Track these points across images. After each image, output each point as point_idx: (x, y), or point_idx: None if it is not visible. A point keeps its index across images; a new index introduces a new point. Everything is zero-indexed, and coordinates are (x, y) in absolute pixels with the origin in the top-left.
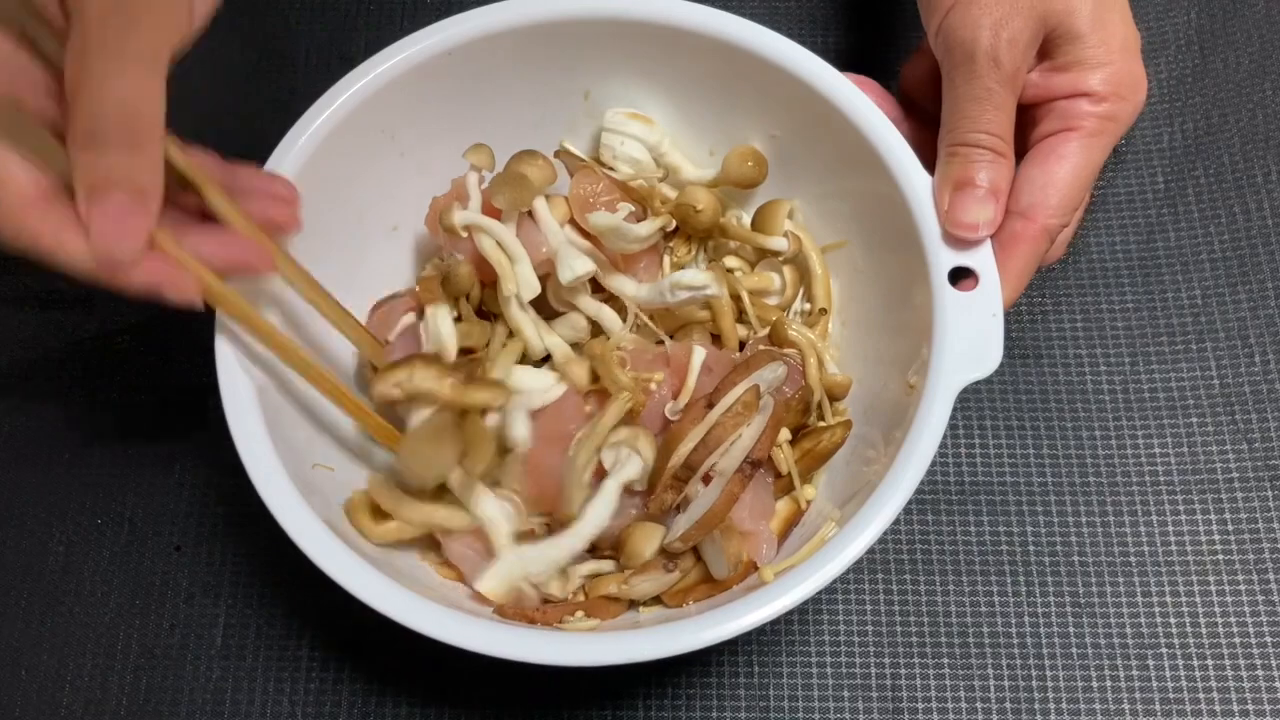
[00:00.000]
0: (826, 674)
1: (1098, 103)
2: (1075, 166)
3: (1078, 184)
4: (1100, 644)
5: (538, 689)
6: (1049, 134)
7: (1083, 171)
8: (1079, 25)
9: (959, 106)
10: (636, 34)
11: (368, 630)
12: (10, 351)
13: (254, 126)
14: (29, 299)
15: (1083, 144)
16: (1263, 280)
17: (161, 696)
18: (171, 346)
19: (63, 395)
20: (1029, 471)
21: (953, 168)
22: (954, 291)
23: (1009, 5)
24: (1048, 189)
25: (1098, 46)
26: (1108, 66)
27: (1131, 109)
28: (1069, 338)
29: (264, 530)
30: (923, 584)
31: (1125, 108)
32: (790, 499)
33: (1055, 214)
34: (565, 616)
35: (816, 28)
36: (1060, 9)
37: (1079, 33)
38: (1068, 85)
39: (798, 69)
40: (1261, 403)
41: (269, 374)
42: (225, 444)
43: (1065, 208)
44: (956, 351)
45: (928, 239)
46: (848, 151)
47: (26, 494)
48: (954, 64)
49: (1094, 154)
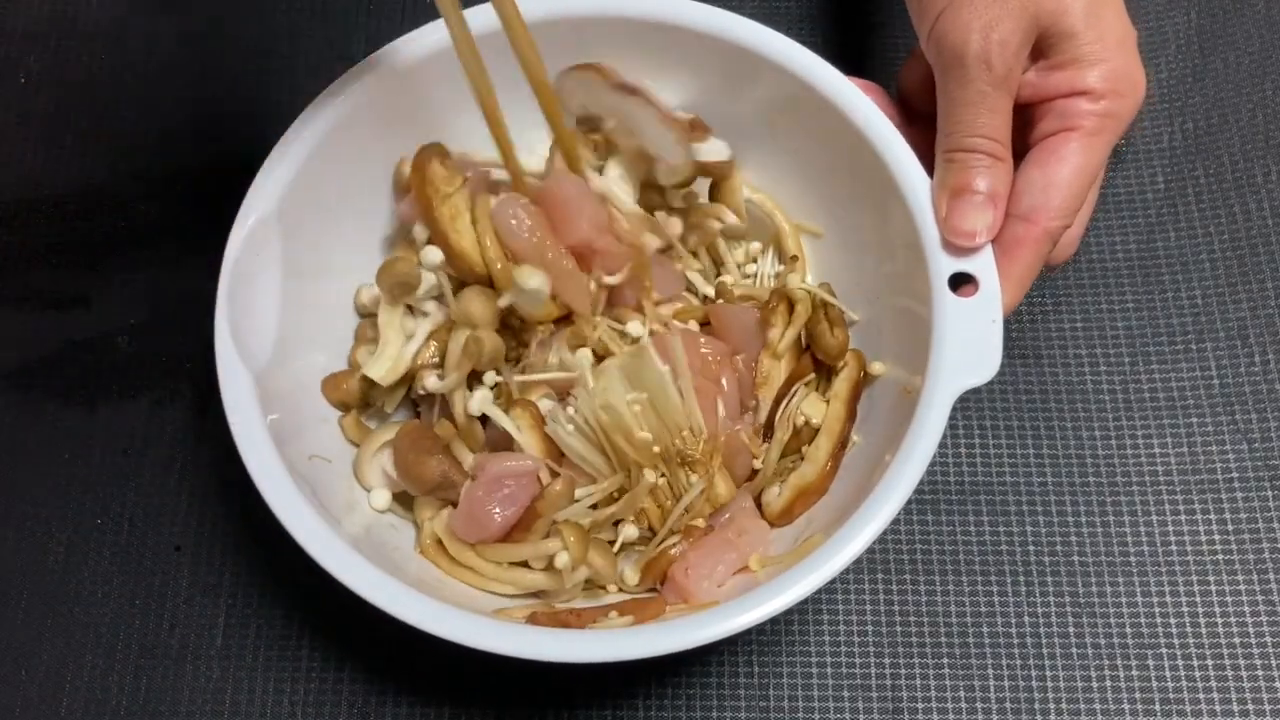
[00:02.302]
0: (826, 674)
1: (1096, 100)
2: (1076, 167)
3: (1079, 184)
4: (1100, 644)
5: (537, 689)
6: (1048, 134)
7: (1084, 171)
8: (1072, 23)
9: (953, 112)
10: (640, 31)
11: (368, 630)
12: (10, 351)
13: (254, 127)
14: (29, 299)
15: (1083, 143)
16: (1263, 280)
17: (161, 696)
18: (171, 346)
19: (63, 395)
20: (1029, 471)
21: (950, 174)
22: (954, 297)
23: (999, 7)
24: (1048, 191)
25: (1093, 43)
26: (1105, 63)
27: (1131, 105)
28: (1069, 338)
29: (264, 530)
30: (923, 584)
31: (1125, 104)
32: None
33: (1057, 216)
34: (599, 618)
35: (817, 28)
36: (1052, 8)
37: (1073, 30)
38: (1065, 84)
39: (799, 69)
40: (1261, 403)
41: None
42: (225, 444)
43: (1067, 209)
44: (955, 357)
45: (928, 244)
46: (848, 155)
47: (26, 494)
48: (946, 69)
49: (1095, 153)
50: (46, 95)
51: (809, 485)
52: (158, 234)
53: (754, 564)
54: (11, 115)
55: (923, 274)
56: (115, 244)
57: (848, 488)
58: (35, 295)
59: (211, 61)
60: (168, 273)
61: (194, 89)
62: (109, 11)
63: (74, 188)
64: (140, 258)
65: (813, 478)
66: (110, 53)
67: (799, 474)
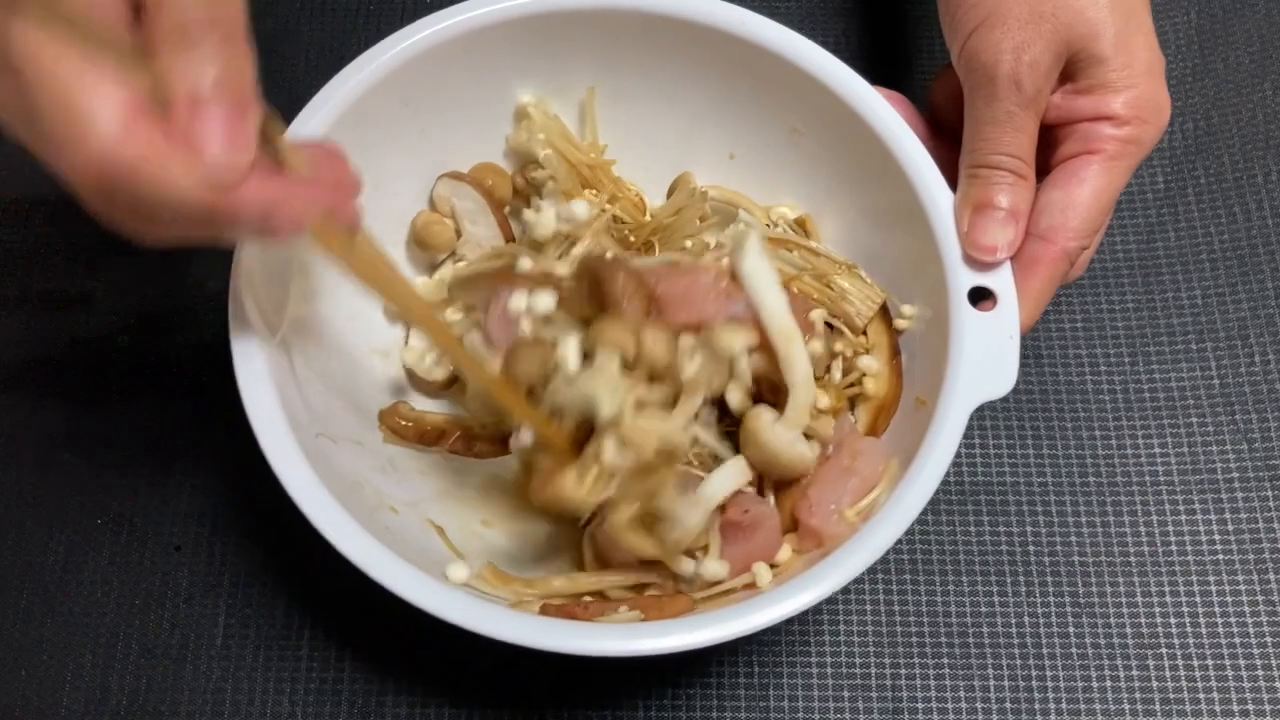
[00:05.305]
0: (826, 674)
1: (1120, 126)
2: (1096, 189)
3: (1098, 207)
4: (1100, 644)
5: (538, 689)
6: (1070, 156)
7: (1103, 194)
8: (1102, 49)
9: (980, 129)
10: (657, 26)
11: (368, 630)
12: (10, 351)
13: None
14: (29, 299)
15: (1104, 167)
16: (1263, 280)
17: (161, 696)
18: (171, 346)
19: (63, 395)
20: (1029, 471)
21: (973, 189)
22: (973, 311)
23: (1031, 29)
24: (1068, 212)
25: (1121, 70)
26: (1131, 90)
27: (1154, 132)
28: (1069, 338)
29: (264, 530)
30: (923, 584)
31: (1148, 131)
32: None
33: (1075, 237)
34: (607, 612)
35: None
36: (1084, 32)
37: (1102, 56)
38: (1090, 108)
39: (825, 75)
40: (1261, 403)
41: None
42: (226, 443)
43: (1085, 231)
44: (972, 371)
45: (948, 257)
46: (874, 165)
47: (26, 494)
48: (975, 86)
49: (1115, 177)
50: None
51: (884, 399)
52: None
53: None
54: None
55: (942, 287)
56: (115, 244)
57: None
58: (35, 295)
59: None
60: (168, 273)
61: None
62: None
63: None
64: (140, 257)
65: (884, 390)
66: None
67: (870, 392)
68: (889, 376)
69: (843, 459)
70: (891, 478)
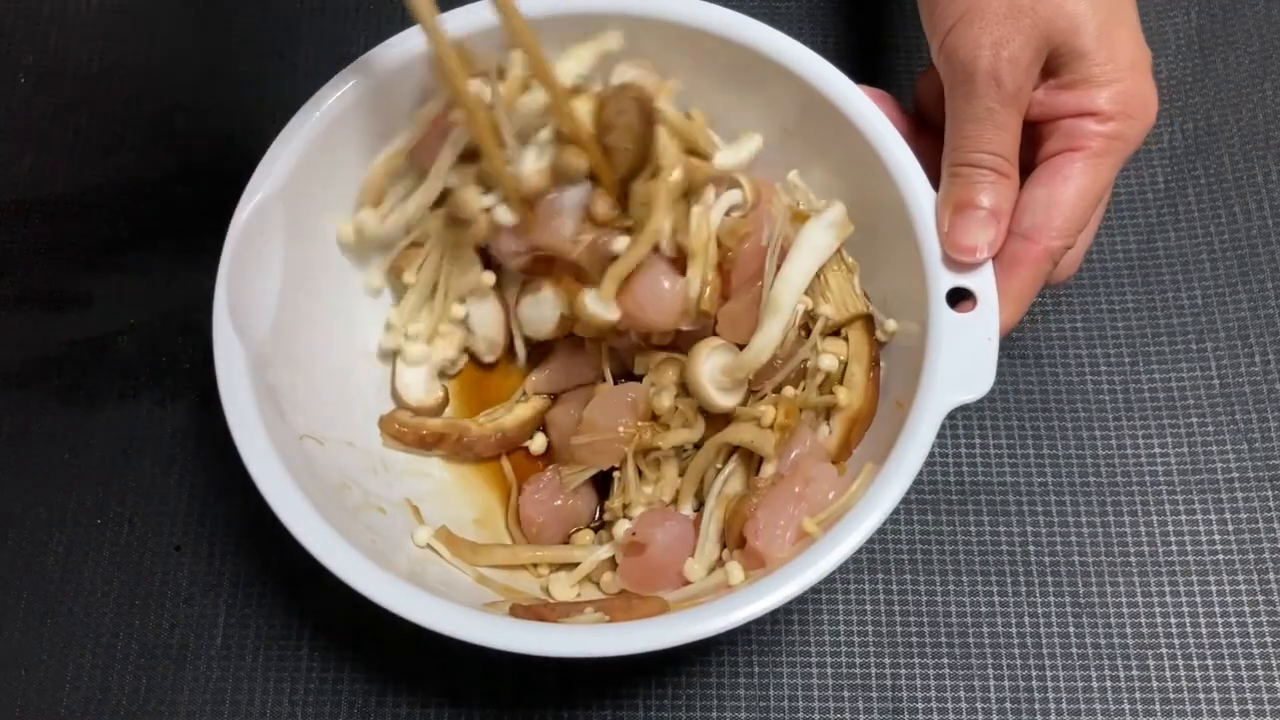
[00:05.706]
0: (826, 674)
1: (1104, 122)
2: (1080, 187)
3: (1082, 205)
4: (1100, 644)
5: (537, 689)
6: (1054, 153)
7: (1088, 192)
8: (1084, 43)
9: (960, 127)
10: (643, 30)
11: (368, 630)
12: (10, 351)
13: (254, 127)
14: (29, 299)
15: (1088, 164)
16: (1263, 280)
17: (161, 696)
18: (171, 346)
19: (63, 395)
20: (1029, 471)
21: (954, 188)
22: (951, 312)
23: (1010, 23)
24: (1051, 210)
25: (1104, 64)
26: (1115, 85)
27: (1140, 128)
28: (1069, 338)
29: (264, 530)
30: (923, 584)
31: (1134, 127)
32: None
33: (1059, 236)
34: (574, 614)
35: (828, 30)
36: (1064, 26)
37: (1084, 50)
38: (1073, 104)
39: (809, 74)
40: (1261, 403)
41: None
42: (226, 443)
43: (1069, 229)
44: (949, 373)
45: (928, 257)
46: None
47: (26, 494)
48: (955, 83)
49: (1100, 174)
50: (46, 95)
51: (857, 411)
52: (158, 234)
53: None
54: (11, 115)
55: (921, 287)
56: (115, 244)
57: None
58: (35, 295)
59: (212, 61)
60: (168, 273)
61: (194, 89)
62: (109, 12)
63: (73, 188)
64: (140, 257)
65: (858, 402)
66: (110, 53)
67: (843, 403)
68: (865, 388)
69: (794, 484)
70: (866, 478)
